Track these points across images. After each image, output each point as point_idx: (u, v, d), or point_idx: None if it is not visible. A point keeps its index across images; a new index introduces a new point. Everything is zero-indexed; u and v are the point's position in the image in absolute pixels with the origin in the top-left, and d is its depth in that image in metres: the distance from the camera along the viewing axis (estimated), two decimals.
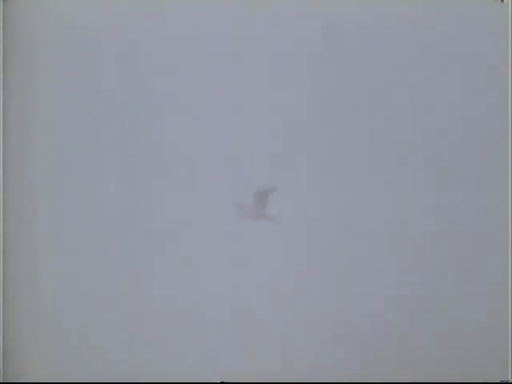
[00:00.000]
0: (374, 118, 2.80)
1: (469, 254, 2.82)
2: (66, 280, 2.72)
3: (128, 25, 2.76)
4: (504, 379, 2.74)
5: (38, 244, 2.71)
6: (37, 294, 2.71)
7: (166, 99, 2.76)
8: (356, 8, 2.79)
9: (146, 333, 2.73)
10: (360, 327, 2.78)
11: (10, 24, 2.72)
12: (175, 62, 2.77)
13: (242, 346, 2.74)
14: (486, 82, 2.85)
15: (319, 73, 2.78)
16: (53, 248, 2.72)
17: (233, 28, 2.76)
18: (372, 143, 2.79)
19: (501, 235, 2.81)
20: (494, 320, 2.79)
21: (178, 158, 2.76)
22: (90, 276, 2.72)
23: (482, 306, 2.80)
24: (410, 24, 2.83)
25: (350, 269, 2.79)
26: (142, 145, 2.76)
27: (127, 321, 2.73)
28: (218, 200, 2.77)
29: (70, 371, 2.72)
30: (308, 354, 2.77)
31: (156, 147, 2.76)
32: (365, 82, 2.80)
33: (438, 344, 2.79)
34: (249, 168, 2.77)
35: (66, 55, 2.75)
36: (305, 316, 2.77)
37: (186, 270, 2.75)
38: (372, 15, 2.81)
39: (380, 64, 2.82)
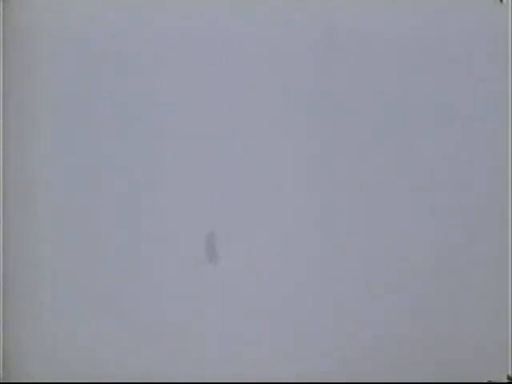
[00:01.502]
0: (376, 121, 2.80)
1: (470, 255, 2.83)
2: (67, 280, 2.72)
3: (129, 25, 2.76)
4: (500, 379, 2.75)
5: (39, 244, 2.72)
6: (38, 294, 2.71)
7: (167, 100, 2.76)
8: (355, 13, 2.80)
9: (146, 334, 2.73)
10: (359, 336, 2.79)
11: (10, 24, 2.72)
12: (176, 63, 2.77)
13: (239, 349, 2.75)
14: (486, 83, 2.85)
15: (319, 78, 2.79)
16: (54, 248, 2.72)
17: (231, 34, 2.76)
18: (373, 148, 2.80)
19: (502, 235, 2.82)
20: (494, 320, 2.80)
21: (180, 160, 2.76)
22: (91, 277, 2.73)
23: (482, 307, 2.81)
24: (409, 24, 2.83)
25: (349, 276, 2.80)
26: (143, 145, 2.76)
27: (128, 321, 2.73)
28: (215, 204, 2.77)
29: (70, 372, 2.72)
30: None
31: (157, 148, 2.77)
32: (366, 87, 2.81)
33: (439, 345, 2.80)
34: (248, 172, 2.77)
35: (66, 55, 2.75)
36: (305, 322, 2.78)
37: (186, 272, 2.76)
38: (371, 16, 2.81)
39: (380, 65, 2.83)
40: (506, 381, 2.75)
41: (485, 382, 2.75)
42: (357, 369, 2.76)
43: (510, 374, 2.75)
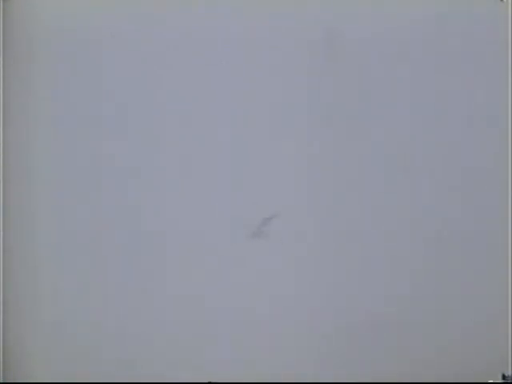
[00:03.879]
0: (376, 127, 2.80)
1: (469, 254, 2.83)
2: (67, 279, 2.73)
3: (129, 25, 2.76)
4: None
5: (40, 244, 2.72)
6: (37, 293, 2.72)
7: (167, 101, 2.76)
8: (355, 16, 2.79)
9: (146, 333, 2.74)
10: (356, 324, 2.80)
11: (10, 24, 2.72)
12: (176, 63, 2.78)
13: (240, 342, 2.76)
14: (486, 83, 2.85)
15: (320, 83, 2.78)
16: (54, 248, 2.73)
17: (231, 39, 2.76)
18: (374, 154, 2.80)
19: (502, 235, 2.82)
20: (494, 314, 2.81)
21: (178, 161, 2.77)
22: (91, 275, 2.74)
23: (482, 302, 2.82)
24: (409, 24, 2.83)
25: (349, 272, 2.80)
26: (143, 144, 2.77)
27: (128, 321, 2.74)
28: (216, 206, 2.78)
29: (69, 371, 2.73)
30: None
31: (157, 148, 2.77)
32: (366, 92, 2.81)
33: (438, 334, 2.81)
34: (247, 177, 2.78)
35: (66, 55, 2.75)
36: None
37: (187, 271, 2.76)
38: (371, 19, 2.80)
39: (380, 65, 2.82)
40: (502, 380, 2.75)
41: (485, 382, 2.75)
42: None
43: (507, 373, 2.75)
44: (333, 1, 2.80)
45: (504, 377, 2.74)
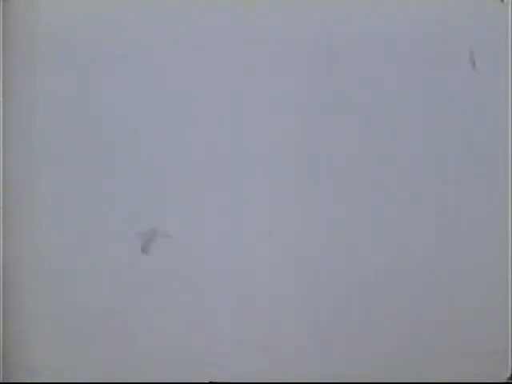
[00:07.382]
0: (377, 129, 2.81)
1: (469, 254, 2.83)
2: (67, 277, 2.73)
3: (129, 25, 2.77)
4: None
5: (41, 244, 2.73)
6: (38, 294, 2.72)
7: (165, 100, 2.77)
8: (355, 23, 2.81)
9: (145, 327, 2.74)
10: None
11: (10, 24, 2.73)
12: (175, 63, 2.78)
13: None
14: (486, 83, 2.86)
15: (320, 92, 2.79)
16: (54, 246, 2.74)
17: (230, 52, 2.77)
18: (374, 160, 2.80)
19: (501, 235, 2.83)
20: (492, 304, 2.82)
21: (176, 160, 2.78)
22: (91, 273, 2.74)
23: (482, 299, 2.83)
24: (409, 25, 2.84)
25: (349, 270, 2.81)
26: (141, 143, 2.77)
27: (127, 320, 2.74)
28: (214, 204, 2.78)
29: (69, 370, 2.73)
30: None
31: (155, 146, 2.78)
32: (365, 92, 2.82)
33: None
34: (247, 179, 2.78)
35: (66, 55, 2.76)
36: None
37: (186, 262, 2.77)
38: (370, 20, 2.82)
39: (380, 62, 2.83)
40: (506, 381, 2.75)
41: (485, 382, 2.75)
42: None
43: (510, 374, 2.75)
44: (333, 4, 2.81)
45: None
